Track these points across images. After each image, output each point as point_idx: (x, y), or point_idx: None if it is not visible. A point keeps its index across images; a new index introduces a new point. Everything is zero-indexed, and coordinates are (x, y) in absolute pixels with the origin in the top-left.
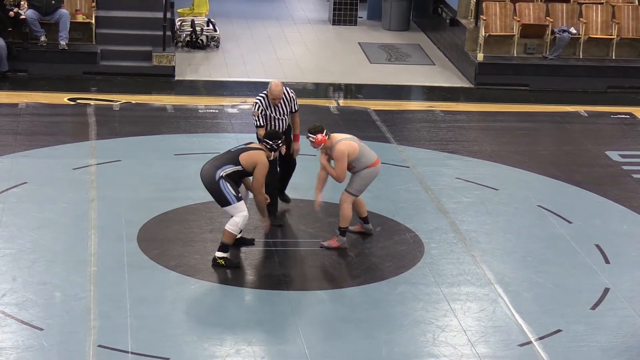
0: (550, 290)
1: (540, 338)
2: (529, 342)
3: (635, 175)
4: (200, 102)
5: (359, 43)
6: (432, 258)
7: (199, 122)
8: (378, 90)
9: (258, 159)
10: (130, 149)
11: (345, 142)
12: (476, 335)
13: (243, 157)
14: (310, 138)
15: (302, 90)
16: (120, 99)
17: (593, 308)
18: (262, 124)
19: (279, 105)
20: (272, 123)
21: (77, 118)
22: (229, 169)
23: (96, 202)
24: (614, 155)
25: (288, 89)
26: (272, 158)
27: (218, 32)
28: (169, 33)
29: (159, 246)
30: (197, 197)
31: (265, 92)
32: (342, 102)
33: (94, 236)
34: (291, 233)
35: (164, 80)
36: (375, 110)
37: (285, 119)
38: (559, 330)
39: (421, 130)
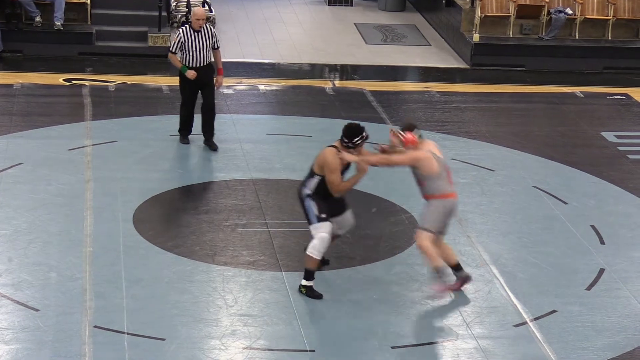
0: (546, 271)
1: (536, 318)
2: (525, 323)
3: (630, 156)
4: None
5: (354, 24)
6: None
7: None
8: (374, 71)
9: (323, 159)
10: (126, 129)
11: (430, 154)
12: (472, 315)
13: (315, 164)
14: (400, 136)
15: (297, 70)
16: (115, 79)
17: (588, 289)
18: (174, 51)
19: (200, 36)
20: (189, 54)
21: (73, 99)
22: (312, 182)
23: (92, 182)
24: (610, 136)
25: (210, 26)
26: (351, 160)
27: (214, 13)
28: (164, 13)
29: (154, 227)
30: (192, 178)
31: (189, 24)
32: (337, 82)
33: (89, 217)
34: (287, 214)
35: (160, 61)
36: (370, 91)
37: (205, 54)
38: (554, 311)
39: (417, 111)
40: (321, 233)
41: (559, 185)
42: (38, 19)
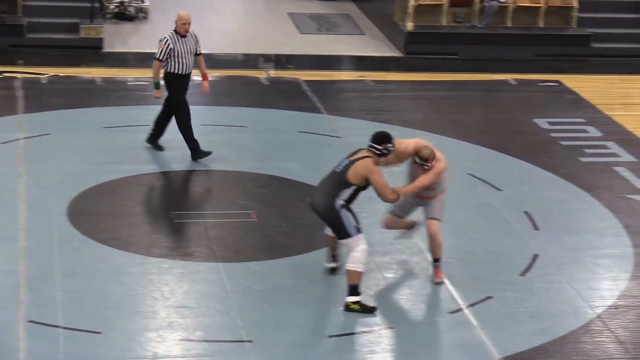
0: (481, 258)
1: (471, 305)
2: (460, 309)
3: (563, 142)
4: (129, 74)
5: (288, 13)
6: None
7: (128, 95)
8: (308, 61)
9: (366, 171)
10: (59, 122)
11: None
12: (408, 303)
13: (351, 174)
14: (425, 166)
15: (232, 61)
16: (48, 71)
17: (523, 274)
18: (161, 58)
19: (187, 40)
20: (179, 61)
21: (4, 92)
22: (346, 193)
23: (25, 176)
24: (542, 122)
25: (193, 31)
26: (381, 165)
27: (147, 4)
28: (96, 4)
29: (89, 220)
30: (127, 170)
31: (173, 29)
32: (272, 72)
33: (23, 210)
34: (222, 205)
35: (93, 53)
36: (305, 80)
37: (190, 59)
38: (489, 297)
39: (352, 101)
40: (362, 245)
41: (492, 173)
42: None
